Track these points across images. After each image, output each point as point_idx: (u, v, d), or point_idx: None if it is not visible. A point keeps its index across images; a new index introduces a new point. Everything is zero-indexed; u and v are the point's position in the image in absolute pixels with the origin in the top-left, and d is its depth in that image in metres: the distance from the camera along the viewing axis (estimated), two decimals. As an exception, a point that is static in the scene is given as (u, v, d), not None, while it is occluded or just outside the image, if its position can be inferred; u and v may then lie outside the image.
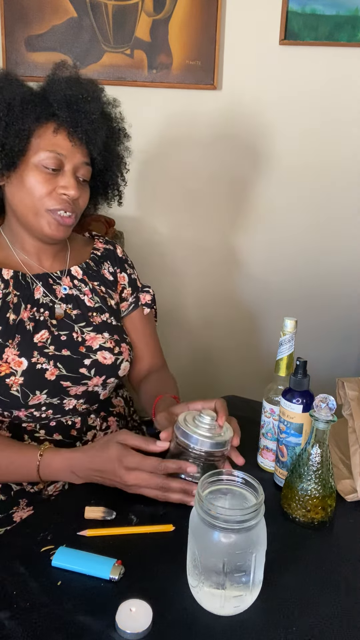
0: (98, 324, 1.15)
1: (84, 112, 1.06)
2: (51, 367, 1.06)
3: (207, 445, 0.91)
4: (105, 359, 1.12)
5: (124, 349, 1.16)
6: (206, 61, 1.74)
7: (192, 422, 0.93)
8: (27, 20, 1.78)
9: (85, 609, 0.73)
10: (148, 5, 1.72)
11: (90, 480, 0.95)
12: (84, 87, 1.08)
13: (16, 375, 1.03)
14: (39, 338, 1.08)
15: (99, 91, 1.13)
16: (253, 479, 0.76)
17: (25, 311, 1.09)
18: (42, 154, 1.05)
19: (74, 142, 1.06)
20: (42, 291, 1.12)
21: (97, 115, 1.07)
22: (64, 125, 1.06)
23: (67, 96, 1.05)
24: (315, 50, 1.70)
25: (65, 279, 1.16)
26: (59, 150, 1.06)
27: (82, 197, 1.11)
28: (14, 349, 1.05)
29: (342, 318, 1.94)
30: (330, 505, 0.90)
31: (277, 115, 1.78)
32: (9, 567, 0.80)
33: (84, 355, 1.10)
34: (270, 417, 1.01)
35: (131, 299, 1.27)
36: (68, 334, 1.11)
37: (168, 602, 0.75)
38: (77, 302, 1.15)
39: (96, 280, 1.21)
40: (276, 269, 1.93)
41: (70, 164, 1.07)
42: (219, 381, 2.03)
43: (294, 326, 0.98)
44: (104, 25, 1.75)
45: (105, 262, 1.25)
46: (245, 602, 0.74)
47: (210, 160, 1.85)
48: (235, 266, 1.95)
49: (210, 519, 0.71)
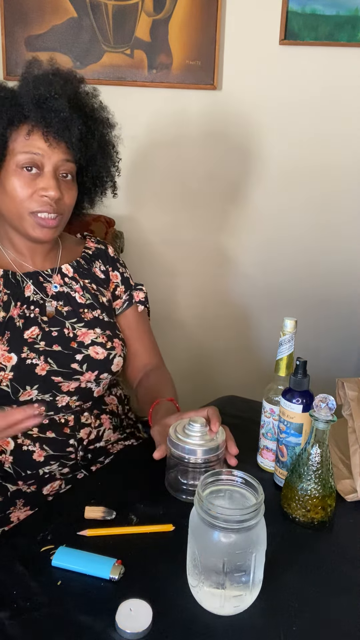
0: (90, 320, 1.15)
1: (54, 111, 1.04)
2: (41, 362, 1.07)
3: (200, 453, 0.91)
4: (97, 354, 1.12)
5: (117, 344, 1.16)
6: (206, 61, 1.74)
7: (182, 433, 0.93)
8: (27, 20, 1.77)
9: (85, 609, 0.73)
10: (148, 5, 1.72)
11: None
12: (53, 84, 1.06)
13: (6, 371, 1.04)
14: (29, 334, 1.08)
15: (71, 85, 1.10)
16: (253, 479, 0.76)
17: (15, 309, 1.10)
18: (19, 156, 1.05)
19: (50, 141, 1.05)
20: (33, 289, 1.13)
21: (67, 113, 1.05)
22: (37, 126, 1.04)
23: (35, 96, 1.04)
24: (315, 50, 1.70)
25: (55, 276, 1.17)
26: (35, 151, 1.05)
27: (67, 195, 1.10)
28: (4, 345, 1.05)
29: (342, 318, 1.94)
30: (330, 505, 0.90)
31: (277, 115, 1.78)
32: (9, 567, 0.80)
33: (76, 351, 1.11)
34: (270, 417, 1.01)
35: (125, 297, 1.27)
36: (59, 330, 1.11)
37: (168, 602, 0.75)
38: (68, 299, 1.16)
39: (87, 278, 1.21)
40: (276, 269, 1.93)
41: (50, 163, 1.06)
42: (218, 381, 2.03)
43: (294, 326, 0.98)
44: (104, 25, 1.75)
45: (96, 260, 1.25)
46: (245, 601, 0.74)
47: (210, 160, 1.85)
48: (235, 266, 1.95)
49: (210, 519, 0.71)
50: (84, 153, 1.11)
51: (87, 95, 1.15)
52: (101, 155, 1.17)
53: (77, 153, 1.09)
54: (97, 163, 1.17)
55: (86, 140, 1.11)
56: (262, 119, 1.79)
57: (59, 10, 1.76)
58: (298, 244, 1.89)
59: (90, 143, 1.12)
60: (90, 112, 1.13)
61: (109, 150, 1.19)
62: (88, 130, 1.11)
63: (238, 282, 1.97)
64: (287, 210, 1.86)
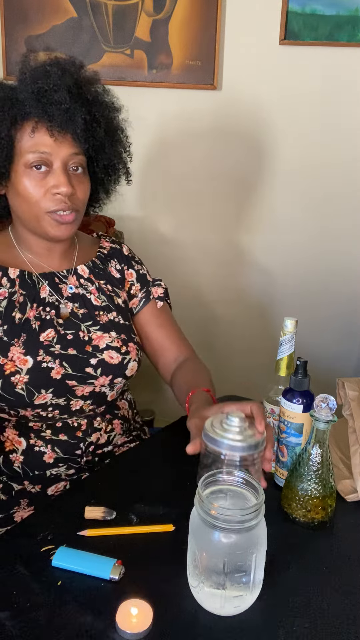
0: (105, 323, 1.14)
1: (55, 103, 1.01)
2: (57, 366, 1.06)
3: (239, 449, 0.83)
4: (112, 359, 1.11)
5: (132, 348, 1.14)
6: (206, 61, 1.74)
7: (219, 427, 0.85)
8: (27, 20, 1.78)
9: (86, 609, 0.73)
10: (148, 5, 1.72)
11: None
12: (51, 75, 1.03)
13: (21, 374, 1.03)
14: (45, 337, 1.07)
15: (69, 73, 1.06)
16: (253, 479, 0.76)
17: (31, 310, 1.08)
18: (27, 156, 1.03)
19: (55, 136, 1.02)
20: (48, 290, 1.12)
21: (68, 104, 1.02)
22: (41, 122, 1.02)
23: (35, 91, 1.01)
24: (315, 50, 1.70)
25: (71, 277, 1.15)
26: (42, 148, 1.02)
27: (80, 189, 1.08)
28: (20, 347, 1.04)
29: (343, 318, 1.94)
30: (331, 505, 0.90)
31: (277, 115, 1.78)
32: (9, 567, 0.80)
33: (90, 355, 1.10)
34: (270, 417, 1.01)
35: (141, 295, 1.25)
36: (74, 333, 1.10)
37: (168, 602, 0.75)
38: (83, 300, 1.14)
39: (103, 278, 1.20)
40: (276, 269, 1.93)
41: (58, 159, 1.04)
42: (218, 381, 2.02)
43: (294, 326, 0.98)
44: (104, 25, 1.75)
45: (112, 260, 1.23)
46: (245, 602, 0.74)
47: (209, 160, 1.85)
48: (234, 266, 1.95)
49: (210, 519, 0.71)
50: (91, 143, 1.08)
51: (88, 81, 1.10)
52: (110, 142, 1.13)
53: (85, 143, 1.06)
54: (106, 151, 1.13)
55: (92, 129, 1.07)
56: (262, 119, 1.79)
57: (59, 10, 1.76)
58: (299, 244, 1.89)
59: (97, 131, 1.08)
60: (94, 99, 1.09)
61: (117, 136, 1.15)
62: (93, 118, 1.07)
63: (238, 282, 1.97)
64: (287, 209, 1.86)
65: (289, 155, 1.81)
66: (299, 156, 1.81)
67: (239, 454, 0.83)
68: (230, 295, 1.98)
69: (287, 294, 1.94)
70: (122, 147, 1.17)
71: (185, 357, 1.25)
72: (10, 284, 1.09)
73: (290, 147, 1.80)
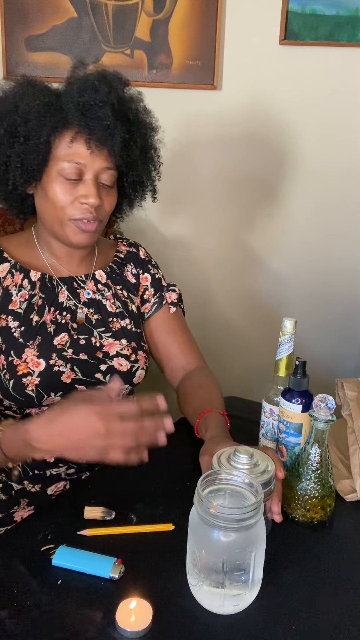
0: (117, 330, 1.15)
1: (97, 119, 1.03)
2: (68, 370, 1.07)
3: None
4: (121, 366, 1.12)
5: (140, 356, 1.16)
6: (206, 61, 1.74)
7: (227, 464, 0.83)
8: (27, 20, 1.78)
9: (85, 608, 0.74)
10: (148, 5, 1.72)
11: (55, 448, 0.87)
12: (99, 91, 1.05)
13: (33, 376, 1.04)
14: (59, 340, 1.08)
15: (115, 91, 1.08)
16: (253, 479, 0.76)
17: (49, 314, 1.10)
18: (61, 164, 1.04)
19: (92, 149, 1.04)
20: (67, 295, 1.13)
21: (110, 121, 1.04)
22: (81, 133, 1.04)
23: (79, 103, 1.03)
24: (315, 50, 1.70)
25: (89, 282, 1.17)
26: (78, 159, 1.04)
27: (107, 202, 1.09)
28: (34, 349, 1.06)
29: (342, 318, 1.94)
30: (330, 505, 0.90)
31: (277, 115, 1.78)
32: (9, 566, 0.80)
33: (101, 361, 1.11)
34: (269, 417, 1.02)
35: (153, 300, 1.25)
36: (87, 339, 1.11)
37: (168, 601, 0.75)
38: (98, 307, 1.15)
39: (119, 284, 1.21)
40: (276, 269, 1.93)
41: (91, 172, 1.05)
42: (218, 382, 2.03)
43: (293, 326, 0.98)
44: (104, 25, 1.75)
45: (128, 264, 1.25)
46: (244, 600, 0.74)
47: (210, 161, 1.85)
48: (234, 267, 1.95)
49: (209, 518, 0.71)
50: (125, 160, 1.10)
51: (131, 99, 1.13)
52: (142, 161, 1.16)
53: (119, 160, 1.08)
54: (138, 169, 1.15)
55: (128, 147, 1.10)
56: (262, 119, 1.79)
57: (59, 10, 1.76)
58: (299, 244, 1.89)
59: (133, 150, 1.11)
60: (134, 118, 1.12)
61: (151, 154, 1.18)
62: (131, 137, 1.10)
63: (237, 283, 1.97)
64: (288, 209, 1.86)
65: (288, 155, 1.81)
66: (299, 156, 1.81)
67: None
68: (231, 295, 1.99)
69: (287, 294, 1.94)
70: (153, 165, 1.20)
71: (195, 367, 1.25)
72: (30, 287, 1.10)
73: (290, 147, 1.80)
